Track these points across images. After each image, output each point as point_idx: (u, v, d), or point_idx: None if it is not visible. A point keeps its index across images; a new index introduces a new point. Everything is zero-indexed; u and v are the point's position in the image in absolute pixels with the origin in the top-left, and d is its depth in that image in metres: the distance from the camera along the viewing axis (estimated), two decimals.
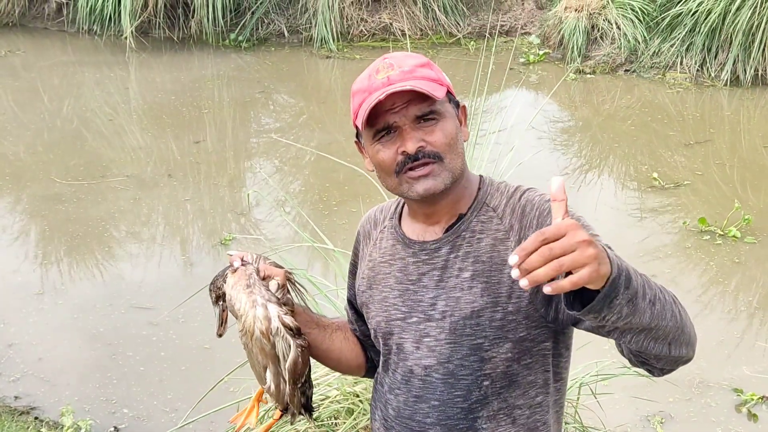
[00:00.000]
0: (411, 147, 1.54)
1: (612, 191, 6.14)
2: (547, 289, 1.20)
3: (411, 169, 1.56)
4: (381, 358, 1.75)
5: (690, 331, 1.44)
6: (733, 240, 5.19)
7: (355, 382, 2.92)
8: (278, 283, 1.66)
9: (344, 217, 5.51)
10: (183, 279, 5.05)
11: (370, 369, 1.88)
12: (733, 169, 6.39)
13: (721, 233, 5.26)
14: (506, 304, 1.55)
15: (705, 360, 4.15)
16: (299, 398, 1.69)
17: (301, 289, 1.76)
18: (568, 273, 1.21)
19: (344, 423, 2.81)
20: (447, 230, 1.62)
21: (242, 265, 1.66)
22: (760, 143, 7.01)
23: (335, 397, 2.90)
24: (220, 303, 1.71)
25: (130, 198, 6.05)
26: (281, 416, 1.73)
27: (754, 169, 6.46)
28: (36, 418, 3.88)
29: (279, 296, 1.64)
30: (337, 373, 2.87)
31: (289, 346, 1.61)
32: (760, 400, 3.85)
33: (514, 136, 3.72)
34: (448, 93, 1.61)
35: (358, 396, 2.88)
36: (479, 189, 1.65)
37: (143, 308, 4.67)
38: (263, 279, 1.65)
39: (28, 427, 3.76)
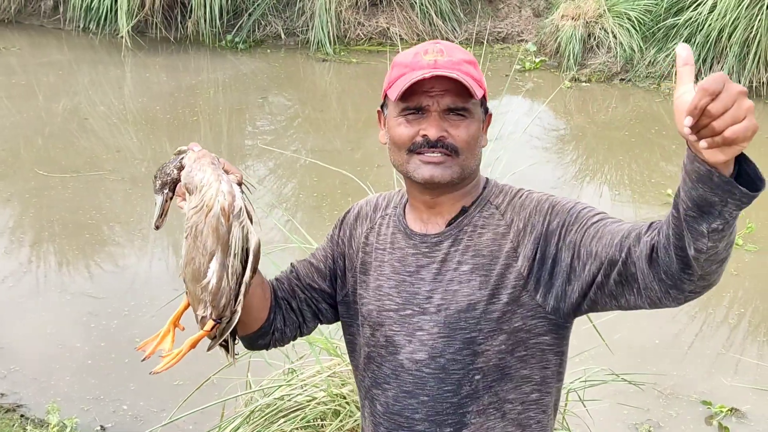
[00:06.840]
0: (434, 133, 1.57)
1: (609, 200, 6.13)
2: (702, 145, 1.17)
3: (424, 153, 1.58)
4: (363, 350, 1.70)
5: None
6: (735, 246, 5.17)
7: (342, 384, 2.91)
8: (237, 179, 1.56)
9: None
10: (167, 276, 5.05)
11: (262, 328, 1.71)
12: None
13: None
14: (502, 295, 1.55)
15: (688, 370, 4.15)
16: (239, 302, 1.53)
17: (249, 201, 1.61)
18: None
19: (330, 425, 2.79)
20: (449, 224, 1.63)
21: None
22: (757, 154, 7.00)
23: (322, 398, 2.89)
24: (165, 191, 1.59)
25: (121, 192, 6.06)
26: (213, 328, 1.54)
27: None
28: (22, 415, 3.85)
29: None
30: (324, 375, 2.87)
31: (247, 237, 1.50)
32: (729, 412, 3.85)
33: (508, 143, 3.71)
34: (482, 97, 1.62)
35: (344, 398, 2.87)
36: (484, 188, 1.67)
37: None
38: None
39: (14, 425, 3.74)
